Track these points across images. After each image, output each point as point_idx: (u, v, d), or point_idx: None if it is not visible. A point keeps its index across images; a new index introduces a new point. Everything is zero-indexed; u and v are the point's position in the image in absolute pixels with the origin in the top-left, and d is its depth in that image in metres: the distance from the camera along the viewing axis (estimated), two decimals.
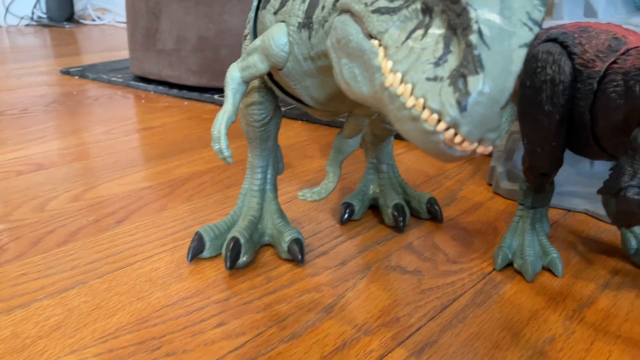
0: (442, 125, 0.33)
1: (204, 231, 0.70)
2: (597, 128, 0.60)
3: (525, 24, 0.35)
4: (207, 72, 1.53)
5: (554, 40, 0.64)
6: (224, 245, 0.68)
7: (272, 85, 0.67)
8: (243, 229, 0.69)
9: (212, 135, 0.60)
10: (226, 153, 0.59)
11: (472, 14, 0.34)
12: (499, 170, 0.92)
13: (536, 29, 0.35)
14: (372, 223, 0.81)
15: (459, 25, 0.34)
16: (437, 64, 0.34)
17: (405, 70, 0.36)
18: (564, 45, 0.63)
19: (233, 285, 0.65)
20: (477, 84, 0.32)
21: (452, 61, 0.34)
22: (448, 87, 0.33)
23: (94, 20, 3.42)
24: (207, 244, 0.70)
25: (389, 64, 0.37)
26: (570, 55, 0.62)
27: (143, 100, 1.55)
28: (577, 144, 0.64)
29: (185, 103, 1.52)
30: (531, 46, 0.67)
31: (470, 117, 0.32)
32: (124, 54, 2.35)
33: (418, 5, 0.37)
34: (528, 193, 0.71)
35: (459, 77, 0.33)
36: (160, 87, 1.62)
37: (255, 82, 0.68)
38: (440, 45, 0.35)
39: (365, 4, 0.41)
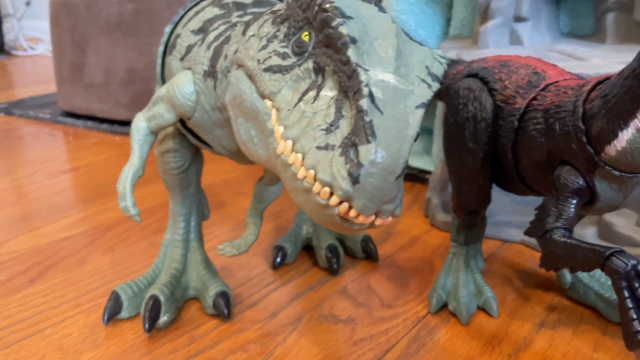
0: (334, 199, 0.30)
1: (121, 290, 0.65)
2: (521, 166, 0.58)
3: (423, 81, 0.32)
4: (138, 105, 1.47)
5: (474, 75, 0.63)
6: (143, 305, 0.63)
7: (185, 132, 0.63)
8: (164, 285, 0.65)
9: (117, 192, 0.55)
10: (133, 212, 0.54)
11: (363, 77, 0.31)
12: (434, 202, 0.90)
13: (436, 85, 0.33)
14: (305, 266, 0.78)
15: (350, 88, 0.31)
16: (328, 130, 0.31)
17: (296, 137, 0.33)
18: (484, 81, 0.61)
19: (153, 349, 0.60)
20: (368, 153, 0.29)
21: (344, 127, 0.31)
22: (339, 157, 0.30)
23: (25, 50, 3.30)
24: (125, 304, 0.65)
25: (280, 129, 0.34)
26: (491, 91, 0.60)
27: (71, 138, 1.48)
28: (503, 181, 0.63)
29: (117, 139, 1.46)
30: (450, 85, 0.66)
31: (363, 190, 0.29)
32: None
33: (310, 65, 0.34)
34: (460, 229, 0.69)
35: (350, 146, 0.30)
36: (90, 123, 1.55)
37: (170, 129, 0.64)
38: (332, 110, 0.32)
39: (258, 61, 0.38)
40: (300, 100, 0.33)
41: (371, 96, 0.30)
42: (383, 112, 0.30)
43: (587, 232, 0.77)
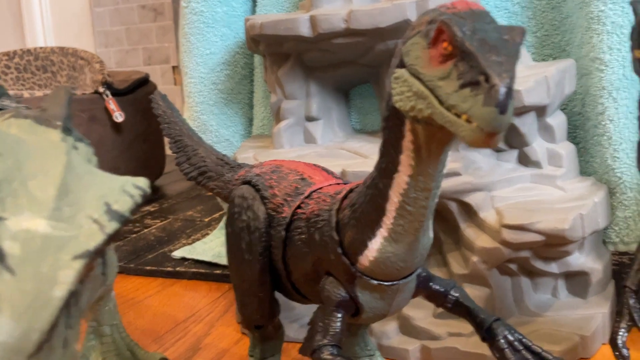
0: None
1: None
2: (293, 277, 0.56)
3: (96, 222, 0.28)
4: None
5: (249, 182, 0.61)
6: None
7: None
8: None
9: None
10: None
11: None
12: None
13: (113, 225, 0.29)
14: None
15: None
16: None
17: None
18: (257, 189, 0.59)
19: None
20: None
21: None
22: None
23: None
24: None
25: None
26: (263, 199, 0.58)
27: None
28: (284, 292, 0.60)
29: None
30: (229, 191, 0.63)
31: None
32: None
33: None
34: (255, 343, 0.65)
35: None
36: None
37: None
38: None
39: None
40: None
41: (1, 254, 0.25)
42: (16, 272, 0.25)
43: (389, 328, 0.76)
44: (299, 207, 0.55)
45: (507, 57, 0.35)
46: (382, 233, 0.47)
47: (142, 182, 0.32)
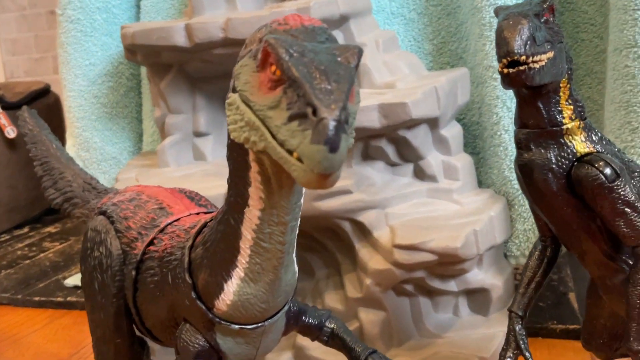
0: None
1: None
2: (148, 324, 0.49)
3: None
4: None
5: (104, 213, 0.54)
6: None
7: None
8: None
9: None
10: None
11: None
12: None
13: None
14: None
15: None
16: None
17: None
18: (111, 220, 0.52)
19: None
20: None
21: None
22: None
23: None
24: None
25: None
26: (117, 232, 0.52)
27: None
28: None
29: None
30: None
31: None
32: None
33: None
34: None
35: None
36: None
37: None
38: None
39: None
40: None
41: None
42: None
43: (283, 357, 0.71)
44: (151, 243, 0.49)
45: (339, 84, 0.31)
46: (238, 273, 0.41)
47: None
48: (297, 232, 0.41)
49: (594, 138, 0.45)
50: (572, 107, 0.45)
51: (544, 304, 0.81)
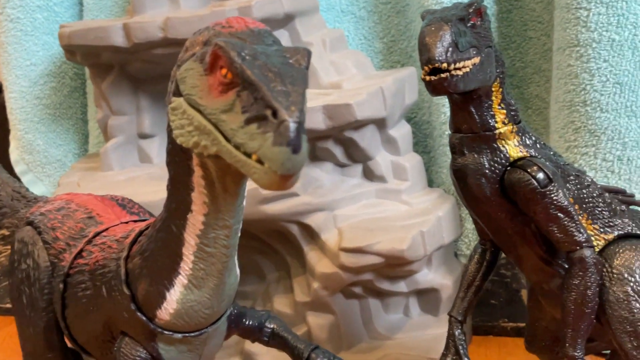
0: None
1: None
2: (81, 340, 0.48)
3: None
4: None
5: (32, 223, 0.52)
6: None
7: None
8: None
9: None
10: None
11: None
12: None
13: None
14: None
15: None
16: None
17: None
18: (38, 231, 0.51)
19: None
20: None
21: None
22: None
23: None
24: None
25: None
26: (45, 243, 0.50)
27: None
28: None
29: None
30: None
31: None
32: None
33: None
34: None
35: None
36: None
37: None
38: None
39: None
40: None
41: None
42: None
43: None
44: (79, 255, 0.47)
45: (294, 86, 0.31)
46: (181, 281, 0.40)
47: None
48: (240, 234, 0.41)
49: (527, 142, 0.45)
50: (504, 111, 0.45)
51: (496, 301, 0.82)
